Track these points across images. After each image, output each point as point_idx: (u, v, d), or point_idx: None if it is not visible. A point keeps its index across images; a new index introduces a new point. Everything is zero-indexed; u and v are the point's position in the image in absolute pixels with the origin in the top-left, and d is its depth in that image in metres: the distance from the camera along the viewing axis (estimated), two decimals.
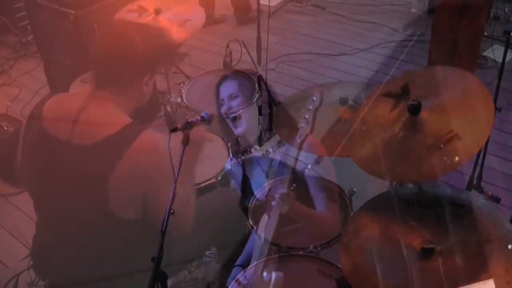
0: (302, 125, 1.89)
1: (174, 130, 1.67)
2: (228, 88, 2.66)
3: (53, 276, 1.83)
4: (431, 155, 1.54)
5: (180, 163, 1.56)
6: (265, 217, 1.93)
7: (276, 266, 1.78)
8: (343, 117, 2.06)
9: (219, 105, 2.59)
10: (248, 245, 2.15)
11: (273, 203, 1.84)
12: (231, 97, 2.64)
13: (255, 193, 2.18)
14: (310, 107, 1.89)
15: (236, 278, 1.81)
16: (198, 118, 1.83)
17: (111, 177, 1.59)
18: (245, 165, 2.43)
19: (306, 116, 1.89)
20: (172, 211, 1.46)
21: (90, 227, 1.67)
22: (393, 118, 1.70)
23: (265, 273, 1.73)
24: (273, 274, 1.72)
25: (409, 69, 4.10)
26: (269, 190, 2.15)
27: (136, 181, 1.64)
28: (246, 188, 2.38)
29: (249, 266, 1.83)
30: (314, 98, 1.90)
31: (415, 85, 1.75)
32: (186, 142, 1.66)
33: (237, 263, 2.10)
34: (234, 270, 2.05)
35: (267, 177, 2.30)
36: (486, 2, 3.61)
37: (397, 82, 1.80)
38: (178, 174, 1.54)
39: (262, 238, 1.88)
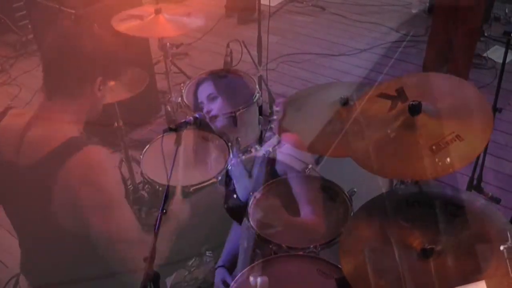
0: (268, 134, 1.85)
1: (168, 130, 1.68)
2: (205, 90, 2.61)
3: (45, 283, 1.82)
4: (430, 156, 1.54)
5: (173, 164, 1.55)
6: (245, 221, 1.92)
7: (261, 270, 1.77)
8: (339, 117, 2.05)
9: (200, 108, 2.54)
10: (227, 245, 2.13)
11: (248, 209, 1.82)
12: (210, 98, 2.58)
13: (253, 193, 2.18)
14: (275, 117, 1.84)
15: (225, 281, 1.79)
16: (191, 118, 1.83)
17: (53, 199, 1.55)
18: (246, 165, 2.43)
19: (273, 126, 1.84)
20: (164, 211, 1.46)
21: (59, 240, 1.63)
22: (391, 117, 1.70)
23: (251, 278, 1.72)
24: (259, 279, 1.70)
25: (408, 70, 4.13)
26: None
27: (72, 204, 1.56)
28: (228, 188, 2.38)
29: (240, 273, 1.82)
30: (277, 109, 1.84)
31: (409, 89, 1.75)
32: (179, 142, 1.67)
33: (218, 263, 2.08)
34: (217, 272, 2.04)
35: (250, 177, 2.29)
36: (480, 3, 3.62)
37: (391, 85, 1.80)
38: (171, 174, 1.54)
39: (245, 242, 1.86)
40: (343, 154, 1.82)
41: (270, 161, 2.20)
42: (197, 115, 1.86)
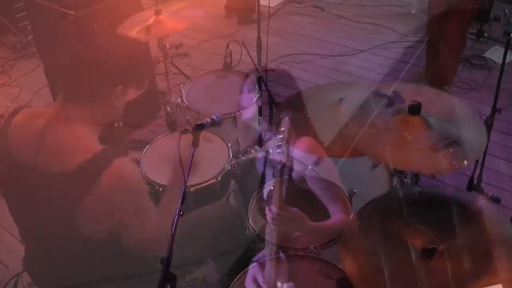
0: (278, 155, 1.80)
1: (185, 132, 1.68)
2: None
3: (50, 283, 1.82)
4: (430, 154, 1.55)
5: (190, 165, 1.57)
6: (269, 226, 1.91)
7: (286, 274, 1.77)
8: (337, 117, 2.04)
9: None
10: None
11: (268, 224, 1.81)
12: None
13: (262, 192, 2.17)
14: (281, 136, 1.81)
15: (255, 279, 1.79)
16: (209, 120, 1.83)
17: (80, 207, 1.55)
18: (246, 166, 2.43)
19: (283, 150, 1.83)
20: (181, 213, 1.46)
21: (72, 245, 1.64)
22: (389, 116, 1.71)
23: (279, 284, 1.72)
24: (285, 286, 1.71)
25: (408, 70, 4.13)
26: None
27: (105, 213, 1.59)
28: (245, 190, 2.38)
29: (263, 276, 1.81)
30: (283, 128, 1.81)
31: (406, 94, 1.77)
32: (196, 144, 1.67)
33: (255, 258, 2.07)
34: (252, 266, 2.02)
35: (263, 178, 2.29)
36: (472, 7, 3.58)
37: (389, 86, 1.83)
38: (188, 175, 1.55)
39: (270, 246, 1.86)
40: (344, 155, 1.83)
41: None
42: (214, 117, 1.86)
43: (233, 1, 5.12)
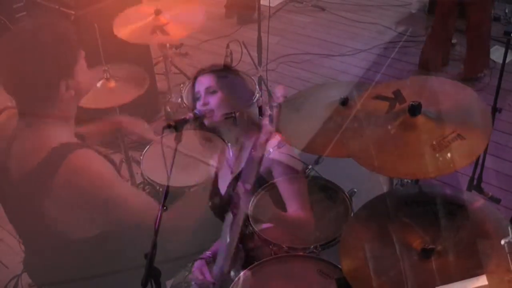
0: (266, 122, 1.81)
1: (168, 127, 1.68)
2: (205, 82, 2.55)
3: (48, 282, 1.82)
4: (432, 154, 1.54)
5: (173, 160, 1.55)
6: (229, 215, 1.90)
7: (241, 266, 1.77)
8: (339, 117, 2.04)
9: (195, 99, 2.46)
10: (217, 243, 2.14)
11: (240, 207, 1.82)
12: (208, 91, 2.50)
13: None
14: (274, 104, 1.81)
15: (201, 271, 1.82)
16: (191, 115, 1.83)
17: (46, 205, 1.54)
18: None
19: (270, 113, 1.82)
20: (165, 207, 1.46)
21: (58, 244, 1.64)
22: (390, 117, 1.70)
23: (232, 273, 1.72)
24: (241, 274, 1.70)
25: (408, 69, 4.13)
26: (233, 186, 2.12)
27: (72, 207, 1.56)
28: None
29: (216, 265, 1.82)
30: (278, 94, 1.81)
31: (407, 91, 1.75)
32: (179, 139, 1.66)
33: (201, 256, 2.09)
34: (196, 263, 2.03)
35: (231, 173, 2.29)
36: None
37: (389, 86, 1.81)
38: (171, 170, 1.54)
39: (228, 238, 1.84)
40: (343, 155, 1.82)
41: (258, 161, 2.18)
42: (196, 112, 1.86)
43: (233, 1, 5.12)
